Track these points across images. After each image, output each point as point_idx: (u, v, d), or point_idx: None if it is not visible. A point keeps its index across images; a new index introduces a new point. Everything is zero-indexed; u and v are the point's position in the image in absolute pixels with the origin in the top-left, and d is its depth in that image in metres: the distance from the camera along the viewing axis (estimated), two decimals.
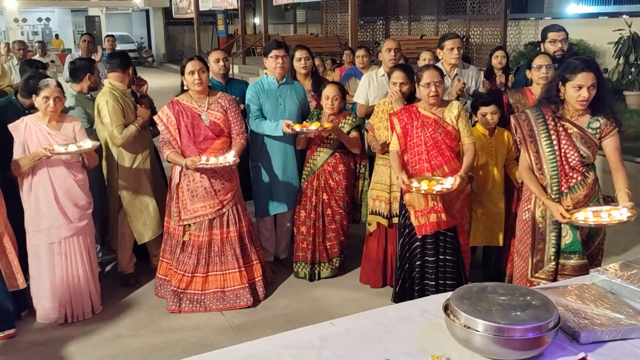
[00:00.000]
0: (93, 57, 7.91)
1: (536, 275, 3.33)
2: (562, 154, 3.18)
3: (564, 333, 1.99)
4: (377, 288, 4.41)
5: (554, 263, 3.27)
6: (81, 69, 4.62)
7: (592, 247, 3.33)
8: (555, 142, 3.18)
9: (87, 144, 3.84)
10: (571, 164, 3.18)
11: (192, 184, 4.06)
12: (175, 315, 4.10)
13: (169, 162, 4.13)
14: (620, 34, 10.31)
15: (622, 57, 10.24)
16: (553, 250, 3.26)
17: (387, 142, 4.10)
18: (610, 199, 5.89)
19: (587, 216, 2.99)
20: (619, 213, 2.93)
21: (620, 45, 10.30)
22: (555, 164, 3.19)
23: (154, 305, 4.25)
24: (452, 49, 4.60)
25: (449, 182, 3.55)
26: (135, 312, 4.17)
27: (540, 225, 3.30)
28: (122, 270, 4.59)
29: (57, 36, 27.66)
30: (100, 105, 4.23)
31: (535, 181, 3.26)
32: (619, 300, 2.18)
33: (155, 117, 4.16)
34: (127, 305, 4.26)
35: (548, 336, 1.81)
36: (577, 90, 3.07)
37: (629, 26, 10.19)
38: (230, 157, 3.95)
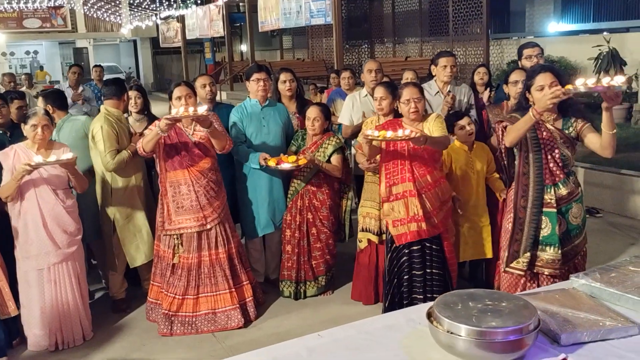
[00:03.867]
0: (81, 89, 8.04)
1: (511, 265, 3.43)
2: (546, 150, 3.32)
3: (545, 336, 2.03)
4: (370, 305, 4.43)
5: (529, 253, 3.37)
6: None
7: (569, 247, 3.41)
8: (540, 139, 3.32)
9: (67, 154, 3.76)
10: (556, 160, 3.32)
11: (177, 196, 4.09)
12: (167, 338, 4.10)
13: (144, 150, 3.98)
14: (600, 50, 10.54)
15: (602, 72, 10.45)
16: (530, 240, 3.37)
17: (375, 162, 4.15)
18: (594, 210, 6.03)
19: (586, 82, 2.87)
20: (615, 81, 2.83)
21: (600, 60, 10.53)
22: (539, 156, 3.32)
23: (146, 329, 4.26)
24: (446, 66, 4.67)
25: (406, 131, 3.48)
26: (127, 337, 4.17)
27: (521, 215, 3.40)
28: (113, 295, 4.59)
29: (41, 68, 27.38)
30: (95, 130, 4.29)
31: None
32: (598, 303, 2.23)
33: (146, 131, 4.19)
34: (118, 330, 4.26)
35: (528, 338, 1.86)
36: (540, 91, 3.20)
37: (608, 42, 10.42)
38: (201, 109, 3.77)
